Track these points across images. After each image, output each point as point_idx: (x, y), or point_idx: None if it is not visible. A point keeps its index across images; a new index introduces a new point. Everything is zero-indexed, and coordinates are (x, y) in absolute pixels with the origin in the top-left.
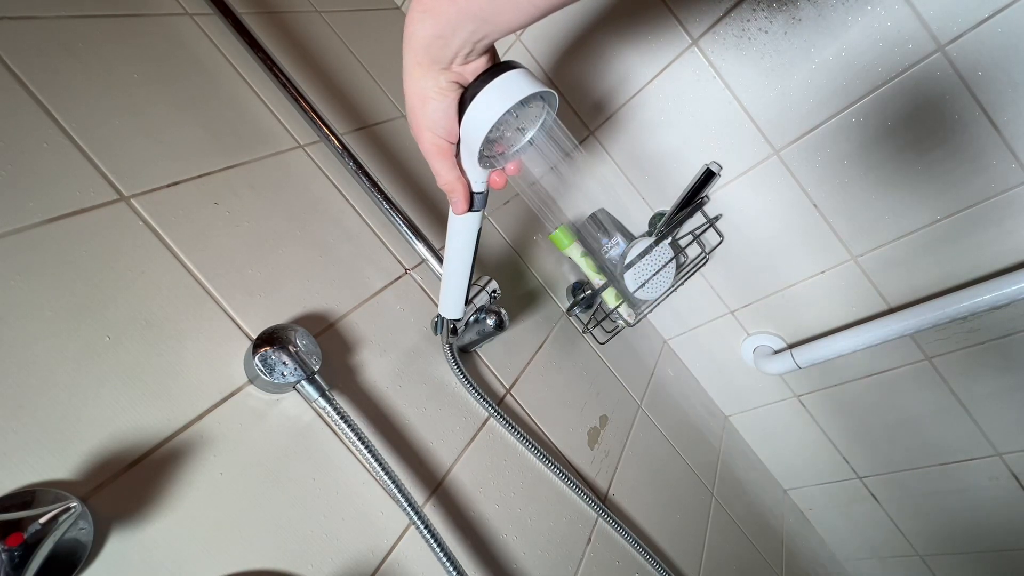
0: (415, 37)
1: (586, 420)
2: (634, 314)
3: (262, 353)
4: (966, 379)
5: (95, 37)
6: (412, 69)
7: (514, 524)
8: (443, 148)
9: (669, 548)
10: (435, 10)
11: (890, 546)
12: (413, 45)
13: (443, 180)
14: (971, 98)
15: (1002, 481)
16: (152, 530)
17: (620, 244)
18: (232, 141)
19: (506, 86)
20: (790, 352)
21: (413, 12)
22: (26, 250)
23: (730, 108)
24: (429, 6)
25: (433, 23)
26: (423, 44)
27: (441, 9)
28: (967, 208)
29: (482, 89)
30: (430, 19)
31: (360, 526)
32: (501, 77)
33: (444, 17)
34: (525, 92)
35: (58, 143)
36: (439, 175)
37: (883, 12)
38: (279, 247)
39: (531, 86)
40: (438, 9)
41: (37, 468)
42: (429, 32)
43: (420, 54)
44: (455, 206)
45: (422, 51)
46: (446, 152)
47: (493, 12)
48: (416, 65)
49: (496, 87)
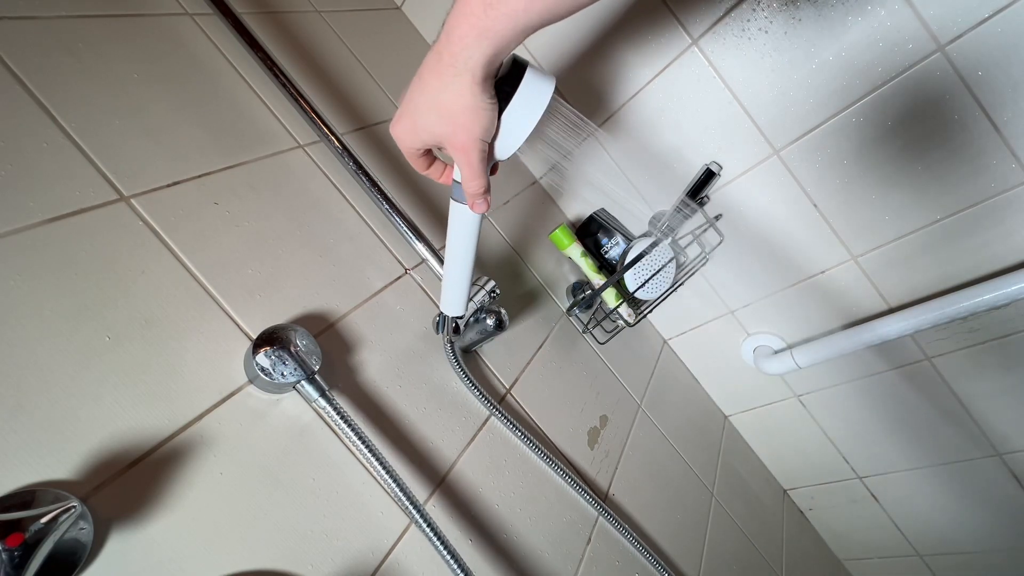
0: (472, 60)
1: (586, 420)
2: (634, 314)
3: (262, 353)
4: (966, 379)
5: (95, 37)
6: (468, 87)
7: (515, 523)
8: (487, 155)
9: (669, 548)
10: (494, 31)
11: (890, 546)
12: (471, 67)
13: (483, 183)
14: (971, 98)
15: (1002, 481)
16: (152, 530)
17: (620, 244)
18: (232, 141)
19: (533, 85)
20: (790, 352)
21: (466, 37)
22: (26, 250)
23: (730, 108)
24: (489, 27)
25: (490, 44)
26: (482, 64)
27: (500, 31)
28: (967, 208)
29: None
30: (488, 41)
31: (360, 526)
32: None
33: (502, 36)
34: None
35: (58, 143)
36: (481, 179)
37: (883, 12)
38: (279, 247)
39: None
40: (496, 30)
41: (37, 468)
42: (488, 53)
43: (478, 74)
44: (482, 205)
45: (480, 70)
46: (488, 158)
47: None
48: (472, 83)
49: (528, 89)
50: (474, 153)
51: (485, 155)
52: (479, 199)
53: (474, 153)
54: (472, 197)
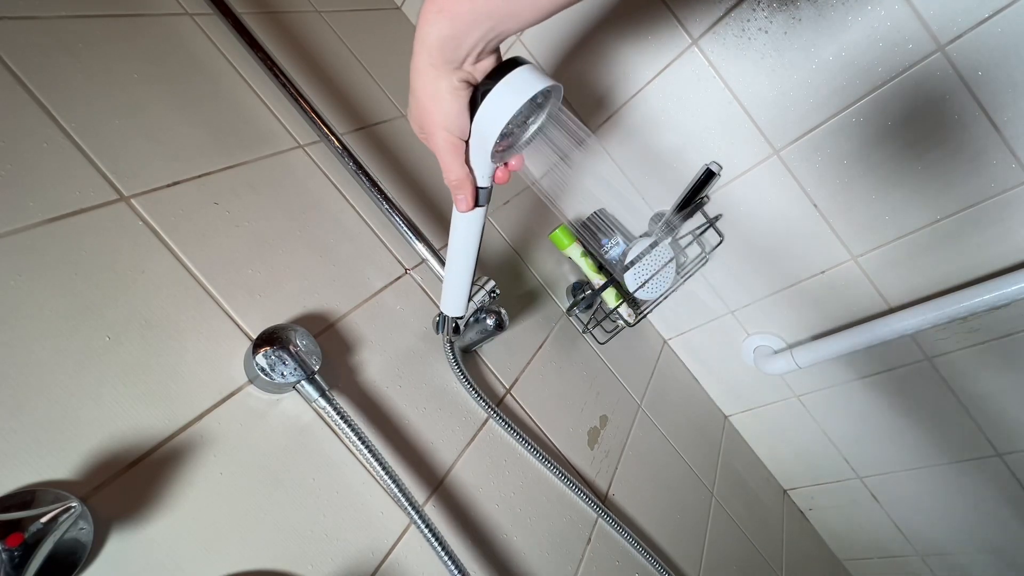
0: (428, 37)
1: (586, 420)
2: (634, 314)
3: (262, 353)
4: (966, 379)
5: (95, 37)
6: (425, 69)
7: (514, 524)
8: (456, 146)
9: (669, 548)
10: (450, 10)
11: (890, 546)
12: (427, 45)
13: (454, 176)
14: (971, 98)
15: (1002, 481)
16: (152, 530)
17: (620, 244)
18: (232, 141)
19: (517, 83)
20: (790, 352)
21: (427, 12)
22: (26, 250)
23: (730, 108)
24: (444, 6)
25: (448, 23)
26: (437, 45)
27: (456, 9)
28: (967, 208)
29: (495, 87)
30: (445, 19)
31: (360, 526)
32: (512, 74)
33: (460, 17)
34: (536, 88)
35: (58, 143)
36: (450, 172)
37: (883, 12)
38: (279, 247)
39: (540, 81)
40: (453, 9)
41: (37, 468)
42: (444, 32)
43: (434, 55)
44: (462, 203)
45: (436, 51)
46: (458, 149)
47: (508, 11)
48: (429, 66)
49: (508, 84)
50: (438, 141)
51: (452, 146)
52: (457, 194)
53: (438, 141)
54: (452, 190)
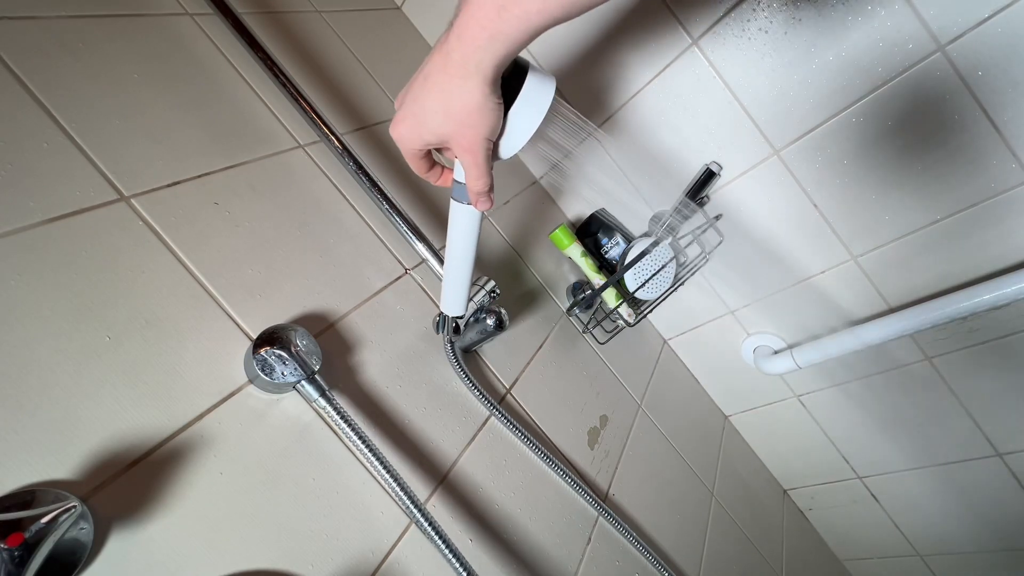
0: (484, 63)
1: (586, 420)
2: (634, 314)
3: (262, 353)
4: (966, 379)
5: (95, 37)
6: (478, 88)
7: (514, 523)
8: (491, 152)
9: (669, 547)
10: (506, 33)
11: (890, 546)
12: (483, 70)
13: (487, 181)
14: (971, 98)
15: (1002, 481)
16: (152, 530)
17: (620, 244)
18: (232, 141)
19: (536, 86)
20: (790, 352)
21: (478, 39)
22: (26, 250)
23: (730, 108)
24: (501, 30)
25: (503, 46)
26: (493, 66)
27: (511, 32)
28: (967, 208)
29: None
30: (500, 44)
31: (360, 526)
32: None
33: (512, 38)
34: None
35: (58, 143)
36: (485, 178)
37: (883, 12)
38: (279, 247)
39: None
40: (508, 32)
41: (37, 468)
42: (501, 55)
43: (489, 77)
44: (486, 203)
45: (491, 73)
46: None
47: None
48: (483, 84)
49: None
50: (480, 152)
51: (490, 154)
52: (483, 197)
53: (480, 152)
54: (477, 195)
